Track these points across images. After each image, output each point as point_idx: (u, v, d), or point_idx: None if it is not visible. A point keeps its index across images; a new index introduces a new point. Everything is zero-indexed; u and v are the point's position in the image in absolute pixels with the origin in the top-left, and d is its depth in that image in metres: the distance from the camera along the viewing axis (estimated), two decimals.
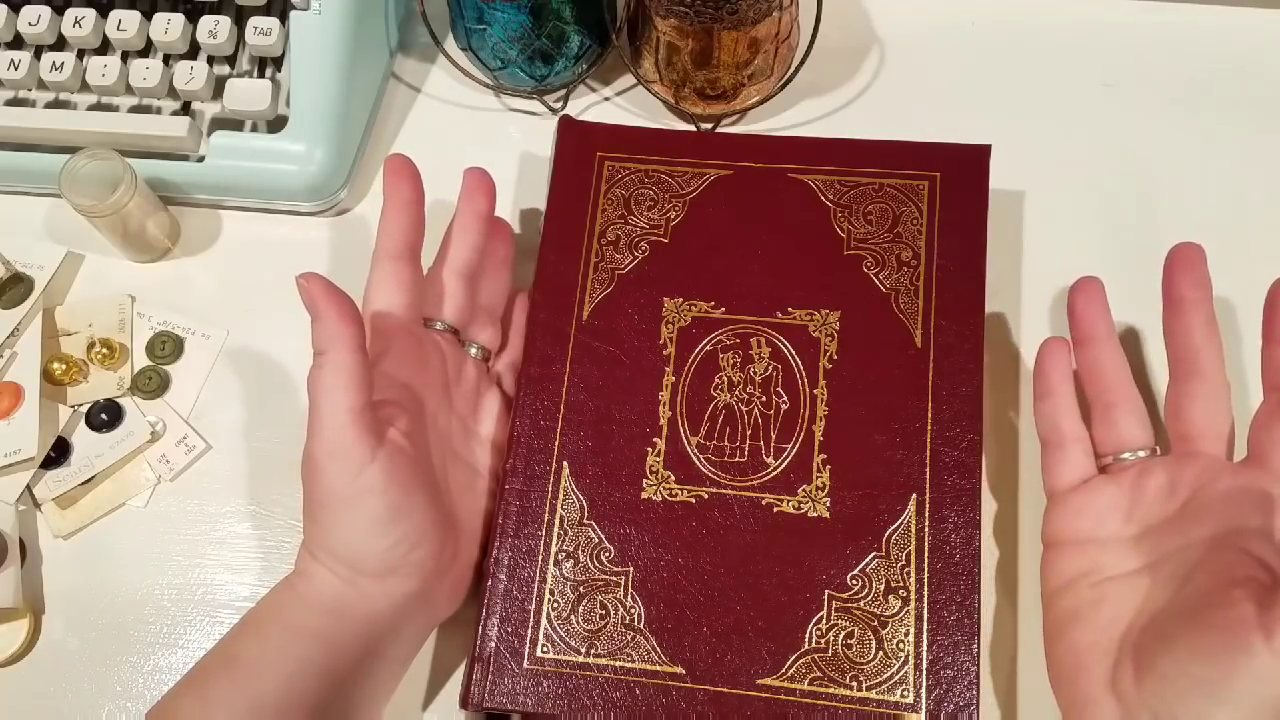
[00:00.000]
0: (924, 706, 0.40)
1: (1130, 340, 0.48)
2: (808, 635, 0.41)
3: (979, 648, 0.40)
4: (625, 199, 0.49)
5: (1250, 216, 0.50)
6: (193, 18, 0.51)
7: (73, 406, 0.49)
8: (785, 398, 0.45)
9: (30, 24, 0.52)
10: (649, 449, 0.44)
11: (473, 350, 0.46)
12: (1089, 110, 0.53)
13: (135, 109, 0.53)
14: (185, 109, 0.53)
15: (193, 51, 0.52)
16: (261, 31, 0.51)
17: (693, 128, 0.53)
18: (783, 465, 0.44)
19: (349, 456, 0.37)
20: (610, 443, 0.45)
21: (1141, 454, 0.41)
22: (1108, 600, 0.38)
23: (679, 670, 0.41)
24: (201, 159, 0.51)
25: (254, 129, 0.52)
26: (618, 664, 0.41)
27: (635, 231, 0.48)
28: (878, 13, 0.56)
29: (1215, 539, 0.36)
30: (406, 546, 0.38)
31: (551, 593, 0.43)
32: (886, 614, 0.41)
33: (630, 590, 0.42)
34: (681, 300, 0.47)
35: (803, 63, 0.51)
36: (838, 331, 0.45)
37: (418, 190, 0.45)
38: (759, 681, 0.41)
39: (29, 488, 0.47)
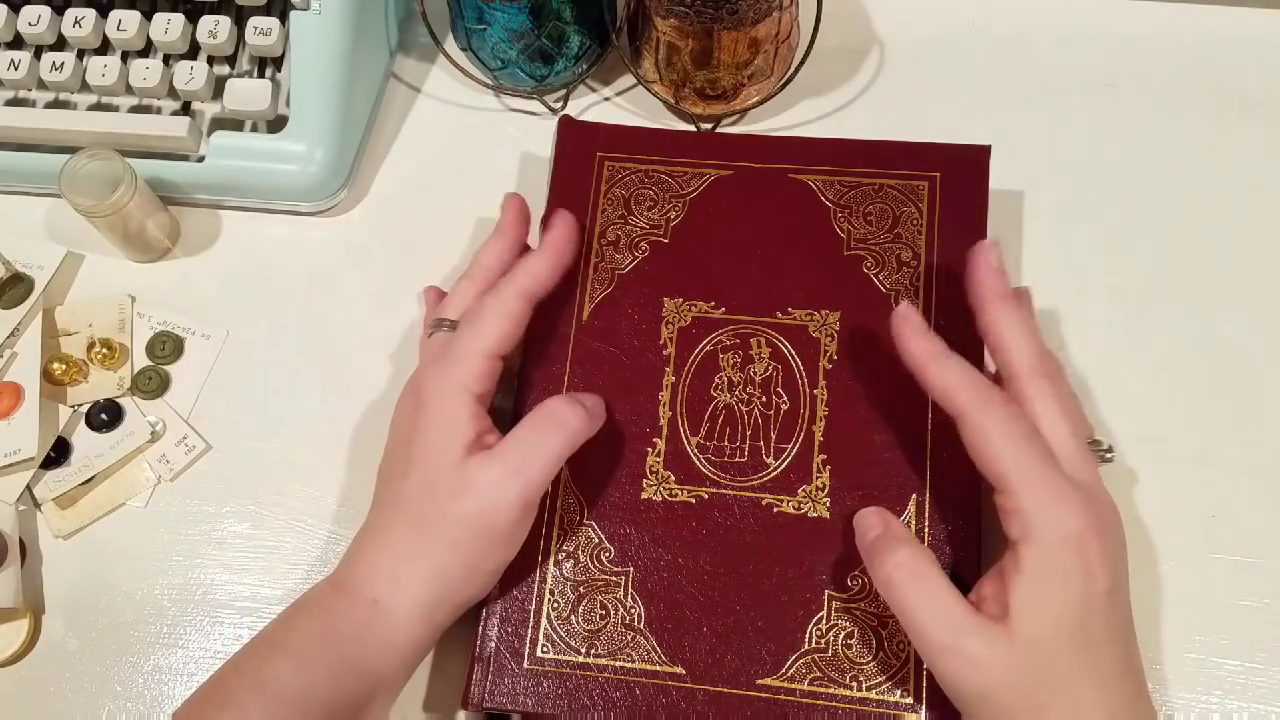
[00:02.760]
0: (924, 706, 0.40)
1: (1131, 338, 0.47)
2: (808, 635, 0.41)
3: None
4: (625, 199, 0.49)
5: (1251, 216, 0.50)
6: (193, 18, 0.51)
7: (73, 406, 0.49)
8: (785, 398, 0.45)
9: (30, 24, 0.52)
10: (649, 449, 0.44)
11: None
12: (1089, 110, 0.53)
13: (135, 109, 0.53)
14: (185, 109, 0.53)
15: (193, 51, 0.52)
16: (261, 31, 0.51)
17: (693, 128, 0.53)
18: (783, 465, 0.44)
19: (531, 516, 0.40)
20: (610, 443, 0.44)
21: None
22: None
23: (679, 670, 0.41)
24: (201, 159, 0.51)
25: (254, 129, 0.52)
26: (618, 664, 0.41)
27: (635, 231, 0.48)
28: (878, 13, 0.56)
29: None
30: None
31: (551, 593, 0.43)
32: (886, 614, 0.41)
33: (630, 590, 0.42)
34: (681, 300, 0.47)
35: (803, 63, 0.51)
36: (838, 332, 0.45)
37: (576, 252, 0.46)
38: (759, 682, 0.41)
39: (29, 488, 0.47)
